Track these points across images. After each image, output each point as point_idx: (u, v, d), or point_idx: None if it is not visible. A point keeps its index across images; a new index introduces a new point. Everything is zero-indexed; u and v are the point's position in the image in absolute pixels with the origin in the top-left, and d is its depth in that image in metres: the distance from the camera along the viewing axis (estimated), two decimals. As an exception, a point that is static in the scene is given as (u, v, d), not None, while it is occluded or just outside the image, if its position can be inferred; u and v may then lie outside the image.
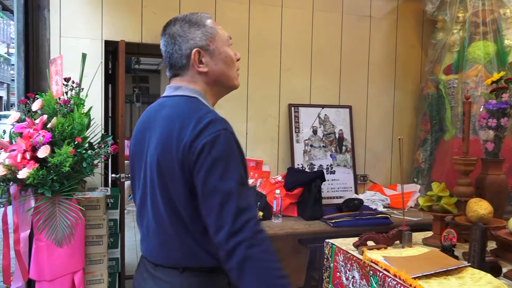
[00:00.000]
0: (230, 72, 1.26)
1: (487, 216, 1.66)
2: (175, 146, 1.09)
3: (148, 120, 1.24)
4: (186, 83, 1.23)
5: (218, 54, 1.23)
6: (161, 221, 1.16)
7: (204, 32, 1.22)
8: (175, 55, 1.22)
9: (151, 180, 1.16)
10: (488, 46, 2.95)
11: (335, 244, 1.91)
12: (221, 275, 1.20)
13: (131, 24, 2.96)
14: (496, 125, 1.87)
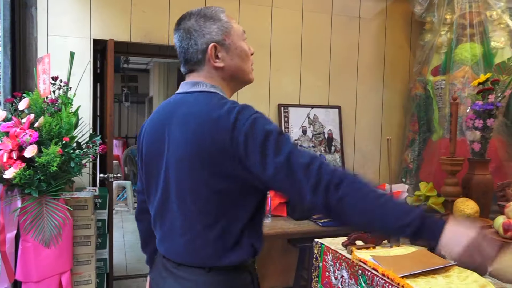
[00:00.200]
0: (245, 67, 1.25)
1: (473, 215, 1.68)
2: (209, 142, 1.06)
3: (166, 117, 1.20)
4: (203, 79, 1.20)
5: (234, 49, 1.22)
6: (189, 218, 1.13)
7: (220, 26, 1.20)
8: (191, 50, 1.20)
9: (177, 178, 1.13)
10: (475, 48, 2.99)
11: (324, 244, 1.92)
12: (245, 273, 1.19)
13: (120, 22, 2.94)
14: (482, 126, 1.90)
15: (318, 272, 1.94)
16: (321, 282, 1.91)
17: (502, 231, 1.53)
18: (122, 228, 5.66)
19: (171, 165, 1.14)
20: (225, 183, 1.09)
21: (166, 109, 1.23)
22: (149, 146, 1.24)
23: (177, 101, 1.21)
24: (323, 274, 1.90)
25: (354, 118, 3.56)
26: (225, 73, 1.21)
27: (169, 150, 1.15)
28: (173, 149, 1.14)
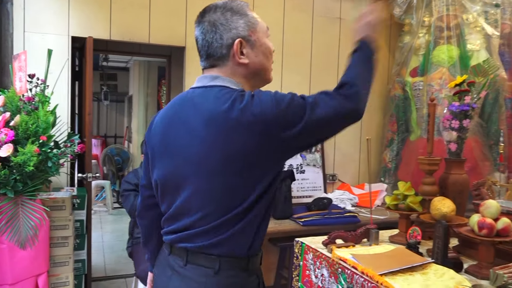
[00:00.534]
0: (268, 65, 1.23)
1: (449, 214, 1.72)
2: (239, 132, 1.05)
3: (186, 111, 1.15)
4: (224, 75, 1.16)
5: (259, 46, 1.18)
6: (216, 208, 1.10)
7: (246, 21, 1.16)
8: (215, 44, 1.15)
9: (207, 171, 1.09)
10: (451, 50, 3.06)
11: (305, 243, 1.93)
12: (253, 276, 1.18)
13: (99, 20, 2.89)
14: (458, 126, 1.94)
15: (298, 271, 1.95)
16: (302, 281, 1.92)
17: (477, 228, 1.57)
18: (100, 228, 5.57)
19: (201, 162, 1.09)
20: (257, 174, 1.09)
21: (185, 103, 1.18)
22: (164, 140, 1.18)
23: (197, 95, 1.16)
24: (303, 273, 1.92)
25: (335, 118, 3.59)
26: (248, 70, 1.18)
27: (194, 147, 1.10)
28: (200, 146, 1.09)
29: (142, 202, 1.37)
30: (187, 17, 3.07)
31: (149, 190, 1.31)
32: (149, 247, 1.40)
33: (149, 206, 1.34)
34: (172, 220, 1.19)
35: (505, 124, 3.07)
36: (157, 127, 1.23)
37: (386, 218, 2.86)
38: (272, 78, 1.27)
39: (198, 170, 1.10)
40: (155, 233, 1.33)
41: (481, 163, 2.89)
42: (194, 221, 1.13)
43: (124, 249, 3.21)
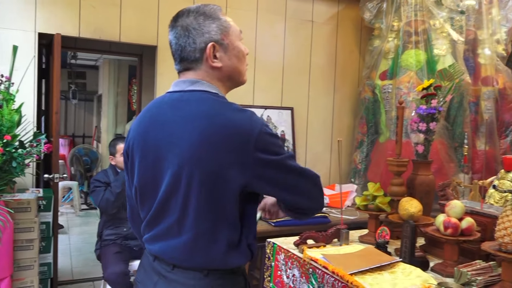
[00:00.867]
0: (241, 68, 1.24)
1: (417, 214, 1.76)
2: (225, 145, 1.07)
3: (166, 116, 1.15)
4: (201, 78, 1.17)
5: (232, 49, 1.20)
6: (194, 217, 1.10)
7: (219, 25, 1.18)
8: (188, 49, 1.16)
9: (187, 176, 1.08)
10: (419, 54, 3.14)
11: (277, 243, 1.94)
12: (241, 277, 1.19)
13: (68, 17, 2.82)
14: (425, 129, 2.00)
15: (270, 271, 1.96)
16: (273, 281, 1.93)
17: (443, 228, 1.62)
18: (68, 230, 5.42)
19: (181, 162, 1.09)
20: (236, 184, 1.08)
21: (163, 108, 1.18)
22: (144, 146, 1.18)
23: (176, 99, 1.16)
24: (275, 273, 1.92)
25: (306, 120, 3.63)
26: (222, 73, 1.19)
27: (176, 148, 1.10)
28: (182, 148, 1.09)
29: (130, 211, 1.36)
30: (159, 16, 3.04)
31: (134, 199, 1.30)
32: None
33: (136, 215, 1.33)
34: (150, 226, 1.19)
35: (469, 127, 3.19)
36: (135, 134, 1.22)
37: (356, 219, 2.91)
38: (246, 80, 1.28)
39: (175, 172, 1.10)
40: None
41: (446, 165, 2.98)
42: (170, 225, 1.13)
43: (92, 251, 3.14)
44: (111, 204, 2.80)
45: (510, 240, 1.35)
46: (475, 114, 3.32)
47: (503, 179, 2.08)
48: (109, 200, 2.79)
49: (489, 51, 3.38)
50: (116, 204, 2.80)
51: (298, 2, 3.53)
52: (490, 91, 3.34)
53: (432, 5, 3.17)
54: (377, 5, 3.47)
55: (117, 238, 2.88)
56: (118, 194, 2.78)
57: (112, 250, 2.80)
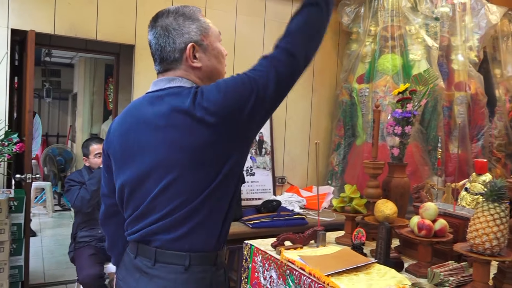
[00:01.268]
0: (221, 68, 1.26)
1: (392, 216, 1.80)
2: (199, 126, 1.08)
3: (142, 116, 1.17)
4: (179, 76, 1.19)
5: (211, 50, 1.22)
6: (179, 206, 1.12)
7: (198, 26, 1.20)
8: (168, 49, 1.18)
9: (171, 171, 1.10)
10: (395, 59, 3.21)
11: (254, 245, 1.94)
12: (221, 270, 1.21)
13: (43, 13, 2.75)
14: (401, 132, 2.04)
15: (247, 273, 1.96)
16: (250, 283, 1.93)
17: (417, 230, 1.65)
18: (40, 232, 5.28)
19: (164, 159, 1.11)
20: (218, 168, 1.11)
21: (140, 107, 1.20)
22: (125, 145, 1.19)
23: (154, 97, 1.18)
24: (252, 275, 1.92)
25: (284, 122, 3.65)
26: (201, 73, 1.22)
27: (156, 146, 1.12)
28: (162, 144, 1.11)
29: (105, 210, 1.37)
30: (137, 15, 3.00)
31: (110, 198, 1.32)
32: (115, 252, 1.40)
33: (111, 214, 1.35)
34: (137, 221, 1.19)
35: (443, 130, 3.27)
36: (115, 133, 1.24)
37: (332, 220, 2.94)
38: None
39: (161, 168, 1.12)
40: (120, 240, 1.34)
41: (421, 167, 3.05)
42: (158, 218, 1.14)
43: (66, 254, 3.07)
44: (86, 202, 2.75)
45: (481, 242, 1.39)
46: (448, 118, 3.40)
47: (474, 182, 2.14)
48: (84, 198, 2.74)
49: (462, 57, 3.47)
50: (92, 202, 2.76)
51: (278, 4, 3.54)
52: (463, 96, 3.44)
53: (408, 11, 3.24)
54: (355, 10, 3.53)
55: (91, 240, 2.83)
56: (94, 192, 2.73)
57: (87, 252, 2.74)
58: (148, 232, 1.16)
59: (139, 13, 3.00)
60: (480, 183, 2.11)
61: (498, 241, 1.37)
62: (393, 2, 3.24)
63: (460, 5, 3.49)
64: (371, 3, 3.38)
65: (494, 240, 1.37)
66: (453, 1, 3.48)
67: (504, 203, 1.41)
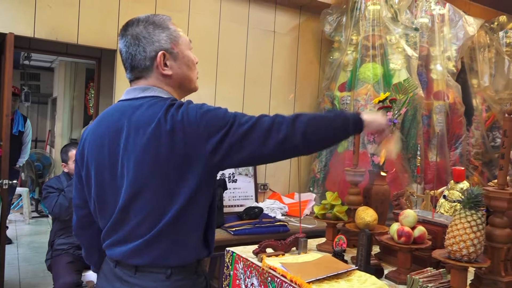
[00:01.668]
0: (192, 75, 1.27)
1: (372, 223, 1.81)
2: (170, 138, 1.08)
3: (117, 124, 1.15)
4: (152, 85, 1.20)
5: (182, 58, 1.23)
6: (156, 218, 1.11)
7: (168, 35, 1.21)
8: (138, 57, 1.19)
9: (144, 180, 1.10)
10: (376, 68, 3.26)
11: (236, 252, 1.94)
12: (202, 277, 1.22)
13: (22, 16, 2.70)
14: (381, 140, 2.06)
15: (228, 280, 1.95)
16: (232, 290, 1.92)
17: (397, 236, 1.67)
18: (16, 239, 5.15)
19: (137, 168, 1.11)
20: (193, 179, 1.11)
21: (114, 116, 1.19)
22: (100, 155, 1.18)
23: (127, 107, 1.18)
24: (233, 283, 1.91)
25: (267, 129, 3.65)
26: (172, 81, 1.22)
27: (130, 155, 1.12)
28: (136, 153, 1.11)
29: (77, 221, 1.35)
30: (120, 19, 2.98)
31: (83, 209, 1.30)
32: (92, 261, 1.39)
33: (85, 225, 1.34)
34: (112, 232, 1.18)
35: (422, 139, 3.33)
36: (89, 142, 1.22)
37: (314, 227, 2.95)
38: (197, 87, 1.32)
39: (133, 176, 1.11)
40: (96, 248, 1.33)
41: (400, 175, 3.09)
42: (131, 230, 1.13)
43: (43, 261, 3.00)
44: (64, 210, 2.70)
45: (458, 248, 1.41)
46: (427, 127, 3.47)
47: (452, 189, 2.19)
48: (62, 206, 2.69)
49: (440, 67, 3.55)
50: (70, 209, 2.70)
51: (261, 12, 3.56)
52: (441, 105, 3.51)
53: (388, 21, 3.30)
54: (337, 19, 3.57)
55: (69, 248, 2.77)
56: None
57: (64, 260, 2.69)
58: (121, 256, 1.16)
59: (121, 17, 2.98)
60: (458, 191, 2.16)
61: (475, 248, 1.40)
62: (374, 12, 3.30)
63: (439, 16, 3.58)
64: (352, 13, 3.43)
65: (471, 246, 1.40)
66: (432, 12, 3.56)
67: (480, 211, 1.45)
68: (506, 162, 1.51)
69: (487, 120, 4.08)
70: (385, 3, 3.31)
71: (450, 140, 3.63)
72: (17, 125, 4.51)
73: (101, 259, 1.32)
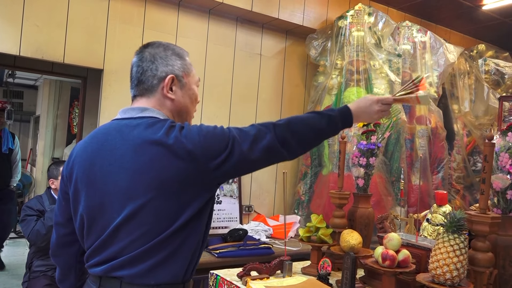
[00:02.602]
0: (191, 109, 1.31)
1: (357, 246, 1.82)
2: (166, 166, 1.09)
3: (111, 143, 1.16)
4: (152, 106, 1.21)
5: (188, 89, 1.27)
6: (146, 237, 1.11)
7: (183, 64, 1.26)
8: (149, 73, 1.22)
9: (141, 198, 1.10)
10: (360, 92, 3.32)
11: (220, 275, 1.91)
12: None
13: (8, 34, 2.69)
14: (366, 163, 2.09)
15: (212, 304, 1.92)
16: (215, 315, 1.88)
17: (381, 260, 1.67)
18: (-9, 261, 4.98)
19: (134, 188, 1.10)
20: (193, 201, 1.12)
21: (108, 134, 1.18)
22: (90, 172, 1.17)
23: (123, 126, 1.18)
24: (217, 307, 1.88)
25: (252, 150, 3.66)
26: (173, 106, 1.25)
27: (126, 174, 1.11)
28: (134, 173, 1.11)
29: (57, 240, 1.32)
30: (107, 39, 2.99)
31: (65, 228, 1.28)
32: (66, 285, 1.35)
33: (65, 244, 1.30)
34: (99, 251, 1.15)
35: (405, 162, 3.38)
36: (78, 159, 1.21)
37: (299, 250, 2.94)
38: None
39: (127, 196, 1.11)
40: (72, 271, 1.31)
41: (384, 198, 3.12)
42: (122, 248, 1.12)
43: (19, 284, 2.90)
44: (41, 237, 2.59)
45: (442, 272, 1.42)
46: (410, 151, 3.53)
47: (435, 213, 2.21)
48: (39, 233, 2.58)
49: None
50: (47, 236, 2.59)
51: (248, 35, 3.62)
52: (423, 130, 3.58)
53: (372, 47, 3.38)
54: (322, 44, 3.65)
55: (48, 270, 2.69)
56: (50, 227, 2.56)
57: (42, 283, 2.60)
58: (109, 268, 1.13)
59: (108, 37, 2.99)
60: (441, 214, 2.18)
61: (458, 272, 1.41)
62: (358, 38, 3.39)
63: (420, 43, 3.68)
64: (337, 38, 3.51)
65: (454, 270, 1.41)
66: (414, 39, 3.67)
67: (463, 234, 1.46)
68: (487, 187, 1.54)
69: (468, 144, 4.17)
70: (368, 29, 3.40)
71: (433, 164, 3.70)
72: (6, 143, 4.30)
73: (78, 282, 1.29)
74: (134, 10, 3.08)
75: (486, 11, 4.04)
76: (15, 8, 2.69)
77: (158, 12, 3.17)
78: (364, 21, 3.39)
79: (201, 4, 3.28)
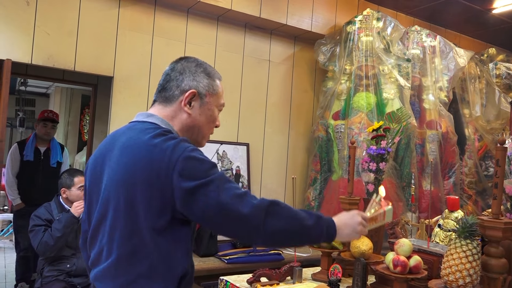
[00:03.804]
0: (206, 129, 1.29)
1: (368, 252, 1.80)
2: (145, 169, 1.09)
3: (109, 145, 1.21)
4: (164, 115, 1.23)
5: (208, 109, 1.26)
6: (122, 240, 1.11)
7: (210, 83, 1.27)
8: (174, 83, 1.24)
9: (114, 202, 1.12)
10: (369, 97, 3.31)
11: (229, 281, 1.90)
12: None
13: (20, 42, 2.74)
14: (375, 168, 2.08)
15: (222, 311, 1.91)
16: (225, 321, 1.88)
17: (392, 266, 1.65)
18: (5, 267, 5.03)
19: (109, 190, 1.14)
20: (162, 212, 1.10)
21: (114, 137, 1.24)
22: (91, 174, 1.24)
23: (125, 129, 1.22)
24: (227, 313, 1.87)
25: (262, 156, 3.66)
26: (187, 121, 1.24)
27: (108, 175, 1.16)
28: (113, 174, 1.14)
29: (83, 235, 1.36)
30: (117, 47, 3.02)
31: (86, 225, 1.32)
32: None
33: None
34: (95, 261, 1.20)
35: (416, 167, 3.35)
36: (90, 161, 1.28)
37: (309, 256, 2.92)
38: (203, 145, 1.32)
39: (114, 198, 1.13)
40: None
41: (395, 203, 3.09)
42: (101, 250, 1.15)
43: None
44: (49, 249, 2.57)
45: (454, 278, 1.40)
46: (421, 156, 3.49)
47: (447, 218, 2.18)
48: (48, 245, 2.56)
49: (432, 97, 3.61)
50: (56, 247, 2.59)
51: (256, 41, 3.63)
52: (434, 134, 3.55)
53: (381, 52, 3.37)
54: (331, 49, 3.65)
55: (60, 274, 2.70)
56: (58, 238, 2.56)
57: (57, 286, 2.61)
58: (97, 275, 1.16)
59: (118, 45, 3.02)
60: (453, 220, 2.15)
61: (471, 278, 1.39)
62: (367, 43, 3.38)
63: (430, 48, 3.66)
64: (346, 43, 3.51)
65: (467, 276, 1.39)
66: (424, 44, 3.65)
67: (476, 240, 1.44)
68: (500, 192, 1.52)
69: (480, 149, 4.12)
70: (377, 34, 3.39)
71: (444, 169, 3.66)
72: (55, 156, 3.95)
73: None
74: (143, 18, 3.11)
75: (496, 15, 4.01)
76: (26, 18, 2.73)
77: (167, 20, 3.20)
78: (373, 26, 3.39)
79: (210, 11, 3.30)
